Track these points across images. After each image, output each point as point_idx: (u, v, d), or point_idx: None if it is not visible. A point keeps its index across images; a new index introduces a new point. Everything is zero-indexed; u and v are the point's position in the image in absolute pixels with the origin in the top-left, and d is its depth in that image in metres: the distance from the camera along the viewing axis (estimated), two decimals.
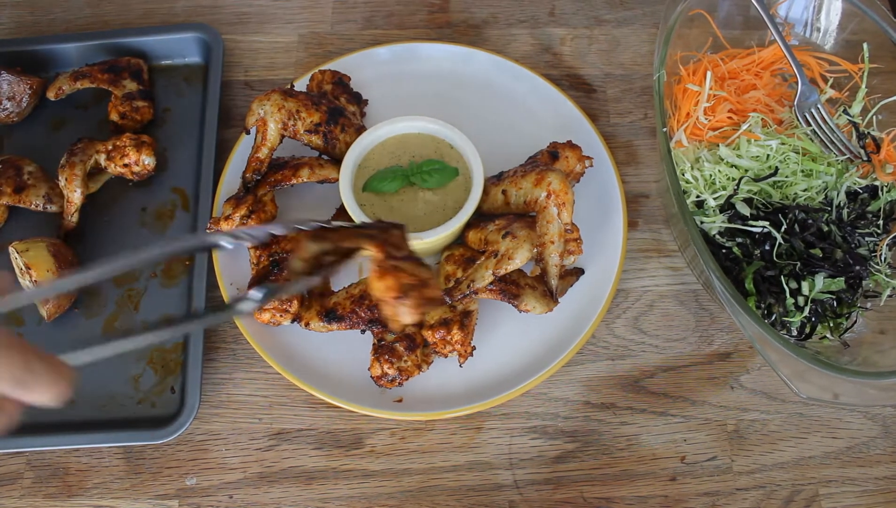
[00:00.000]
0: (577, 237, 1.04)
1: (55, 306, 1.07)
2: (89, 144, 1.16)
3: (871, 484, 1.02)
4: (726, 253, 1.06)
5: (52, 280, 1.05)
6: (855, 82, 1.16)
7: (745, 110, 1.15)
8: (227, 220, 1.06)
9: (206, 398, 1.07)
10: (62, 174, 1.12)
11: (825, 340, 1.04)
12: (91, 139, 1.17)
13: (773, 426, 1.05)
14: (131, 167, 1.16)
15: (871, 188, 1.10)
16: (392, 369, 0.99)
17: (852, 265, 1.03)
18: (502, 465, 1.03)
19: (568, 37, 1.34)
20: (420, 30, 1.35)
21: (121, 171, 1.16)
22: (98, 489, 1.03)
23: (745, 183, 1.09)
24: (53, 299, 1.06)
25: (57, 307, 1.07)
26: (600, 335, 1.10)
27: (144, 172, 1.17)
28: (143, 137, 1.17)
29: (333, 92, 1.18)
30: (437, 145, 1.11)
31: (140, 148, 1.15)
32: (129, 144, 1.15)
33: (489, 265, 0.99)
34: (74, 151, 1.14)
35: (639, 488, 1.02)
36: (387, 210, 1.07)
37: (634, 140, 1.25)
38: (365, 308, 1.02)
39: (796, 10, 1.19)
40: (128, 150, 1.15)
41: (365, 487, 1.02)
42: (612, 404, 1.07)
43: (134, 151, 1.15)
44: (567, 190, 1.01)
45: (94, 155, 1.15)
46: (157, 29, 1.29)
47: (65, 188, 1.12)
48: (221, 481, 1.03)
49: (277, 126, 1.09)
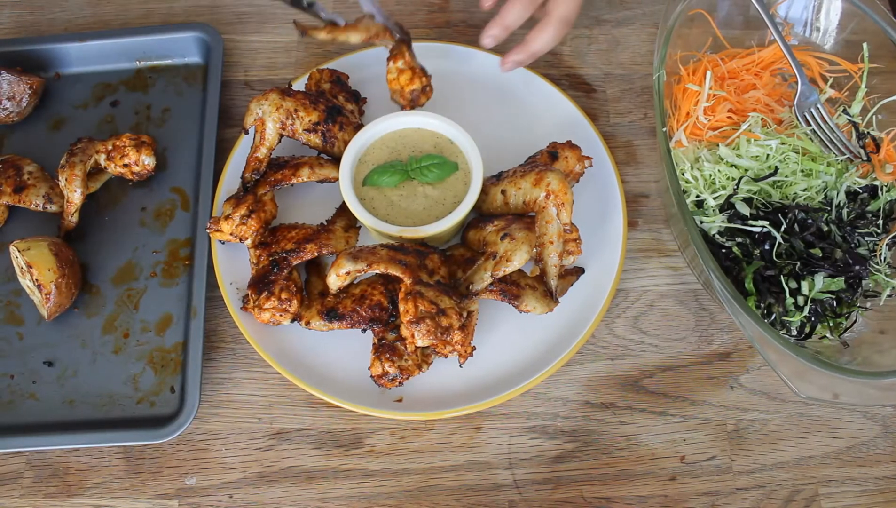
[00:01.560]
0: (576, 237, 1.04)
1: (56, 306, 1.07)
2: (89, 144, 1.16)
3: (871, 484, 1.02)
4: (726, 253, 1.06)
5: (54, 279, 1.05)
6: (855, 82, 1.16)
7: (745, 110, 1.15)
8: (226, 219, 1.06)
9: (205, 397, 1.07)
10: (62, 174, 1.12)
11: (825, 340, 1.04)
12: (91, 139, 1.17)
13: (772, 426, 1.05)
14: (131, 167, 1.16)
15: (871, 188, 1.10)
16: (393, 367, 0.99)
17: (852, 265, 1.03)
18: (502, 465, 1.03)
19: (567, 37, 1.34)
20: (420, 29, 1.35)
21: (121, 171, 1.16)
22: (98, 488, 1.03)
23: (745, 183, 1.09)
24: (54, 299, 1.06)
25: (58, 307, 1.07)
26: (600, 335, 1.10)
27: (144, 172, 1.17)
28: (142, 137, 1.17)
29: (332, 91, 1.18)
30: (436, 140, 1.11)
31: (140, 148, 1.15)
32: (129, 144, 1.15)
33: (488, 267, 1.00)
34: (74, 151, 1.14)
35: (638, 488, 1.02)
36: (386, 205, 1.07)
37: (634, 140, 1.25)
38: (366, 307, 1.02)
39: (796, 9, 1.19)
40: (127, 150, 1.15)
41: (364, 487, 1.02)
42: (611, 404, 1.07)
43: (133, 151, 1.15)
44: (566, 190, 1.01)
45: (94, 155, 1.15)
46: (156, 29, 1.29)
47: (65, 188, 1.12)
48: (221, 480, 1.03)
49: (276, 126, 1.10)
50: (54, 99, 1.27)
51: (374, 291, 1.03)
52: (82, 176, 1.12)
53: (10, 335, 1.11)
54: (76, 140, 1.17)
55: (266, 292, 1.03)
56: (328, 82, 1.19)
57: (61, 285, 1.06)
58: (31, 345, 1.10)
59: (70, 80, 1.28)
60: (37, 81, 1.23)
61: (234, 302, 1.07)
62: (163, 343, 1.09)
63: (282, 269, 1.05)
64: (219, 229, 1.08)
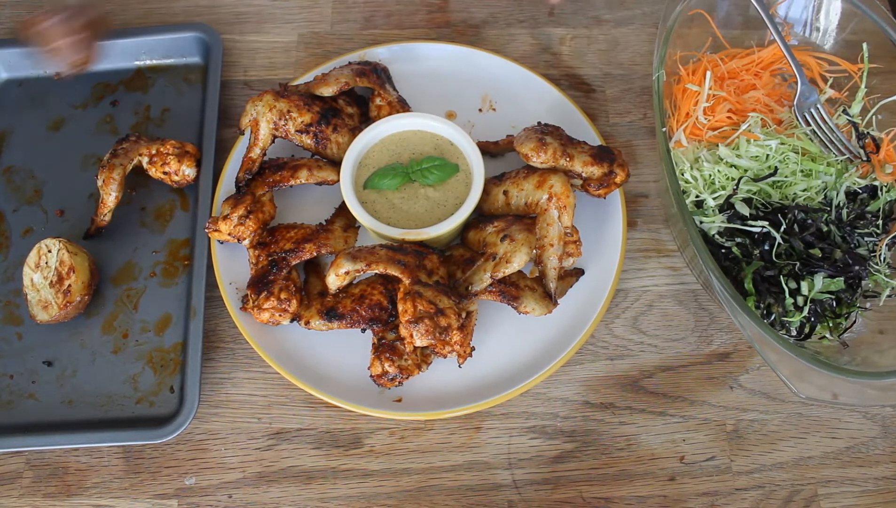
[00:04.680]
0: (576, 240, 1.03)
1: (63, 316, 1.07)
2: (134, 145, 1.14)
3: (871, 484, 1.02)
4: (725, 253, 1.06)
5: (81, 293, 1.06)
6: (854, 82, 1.16)
7: (745, 110, 1.15)
8: (225, 220, 1.06)
9: (205, 397, 1.07)
10: (101, 174, 1.12)
11: (824, 340, 1.04)
12: (138, 138, 1.16)
13: (772, 427, 1.05)
14: (171, 176, 1.15)
15: (871, 188, 1.10)
16: (393, 367, 0.99)
17: (851, 265, 1.03)
18: (501, 465, 1.03)
19: (567, 37, 1.34)
20: (419, 30, 1.35)
21: (161, 176, 1.15)
22: (97, 488, 1.03)
23: (745, 183, 1.09)
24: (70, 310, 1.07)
25: (64, 317, 1.07)
26: (599, 335, 1.10)
27: (184, 181, 1.16)
28: (187, 145, 1.15)
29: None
30: (436, 142, 1.11)
31: (182, 158, 1.14)
32: (173, 151, 1.14)
33: (487, 268, 1.00)
34: (118, 151, 1.13)
35: (638, 488, 1.02)
36: (388, 207, 1.07)
37: (634, 140, 1.25)
38: (365, 307, 1.02)
39: (796, 9, 1.19)
40: (170, 158, 1.13)
41: (364, 487, 1.02)
42: (610, 404, 1.07)
43: (175, 160, 1.13)
44: (568, 193, 1.01)
45: (138, 157, 1.14)
46: (156, 29, 1.30)
47: (101, 189, 1.12)
48: (220, 480, 1.03)
49: (269, 126, 1.10)
50: (54, 99, 1.27)
51: (374, 290, 1.03)
52: (120, 180, 1.12)
53: (9, 335, 1.11)
54: (124, 136, 1.16)
55: (265, 292, 1.03)
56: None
57: (83, 302, 1.08)
58: (31, 345, 1.10)
59: (70, 79, 1.28)
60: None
61: (233, 302, 1.07)
62: (162, 343, 1.09)
63: (281, 269, 1.05)
64: (217, 229, 1.08)
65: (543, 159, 1.03)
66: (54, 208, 1.19)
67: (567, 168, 1.04)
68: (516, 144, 1.06)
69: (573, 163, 1.04)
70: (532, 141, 1.04)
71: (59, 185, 1.21)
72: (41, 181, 1.21)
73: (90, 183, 1.19)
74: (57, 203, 1.20)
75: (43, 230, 1.17)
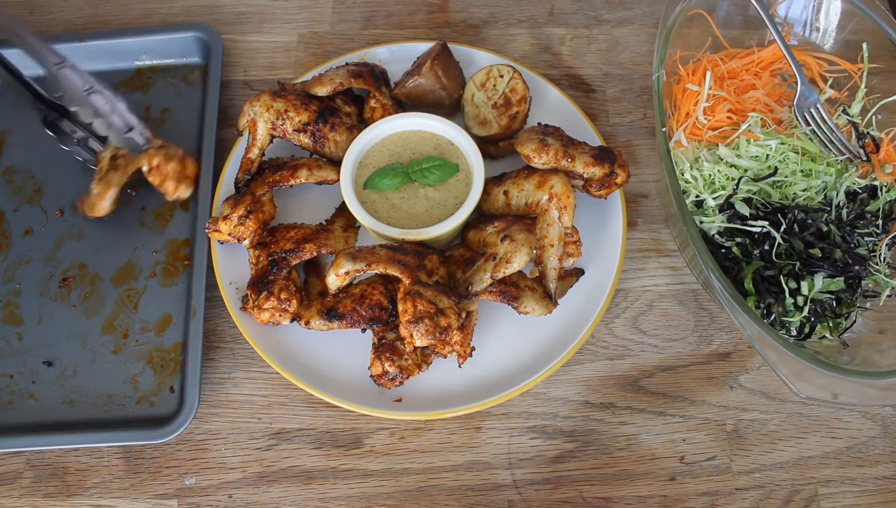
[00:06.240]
0: (576, 240, 1.04)
1: (507, 125, 1.06)
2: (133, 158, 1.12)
3: (871, 484, 1.02)
4: (725, 253, 1.06)
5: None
6: (854, 82, 1.16)
7: (745, 110, 1.15)
8: (225, 220, 1.06)
9: (205, 397, 1.07)
10: (97, 186, 1.11)
11: (824, 340, 1.04)
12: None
13: (772, 426, 1.05)
14: (167, 193, 1.14)
15: (871, 188, 1.10)
16: (393, 367, 0.99)
17: (851, 265, 1.03)
18: (501, 465, 1.03)
19: (567, 37, 1.34)
20: (419, 29, 1.35)
21: (156, 186, 1.14)
22: (97, 488, 1.03)
23: (745, 183, 1.09)
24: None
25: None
26: (599, 335, 1.10)
27: (178, 200, 1.16)
28: (188, 167, 1.14)
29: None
30: (436, 142, 1.11)
31: (180, 183, 1.13)
32: (172, 175, 1.12)
33: (487, 268, 1.00)
34: (117, 162, 1.12)
35: (638, 488, 1.02)
36: (388, 207, 1.07)
37: (634, 140, 1.25)
38: (366, 307, 1.02)
39: (796, 9, 1.19)
40: (168, 181, 1.12)
41: (364, 487, 1.02)
42: (611, 404, 1.07)
43: (173, 184, 1.13)
44: (569, 194, 1.01)
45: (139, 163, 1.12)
46: (156, 29, 1.30)
47: (95, 197, 1.12)
48: (221, 480, 1.03)
49: (266, 126, 1.10)
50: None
51: (374, 290, 1.03)
52: (115, 196, 1.12)
53: (9, 335, 1.11)
54: None
55: (265, 291, 1.03)
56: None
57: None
58: (31, 345, 1.10)
59: None
60: None
61: (233, 302, 1.07)
62: (162, 343, 1.09)
63: (281, 269, 1.05)
64: (217, 229, 1.08)
65: (545, 160, 1.03)
66: (54, 208, 1.19)
67: (568, 169, 1.04)
68: (517, 144, 1.06)
69: (574, 164, 1.04)
70: (534, 142, 1.04)
71: (59, 185, 1.21)
72: (41, 181, 1.22)
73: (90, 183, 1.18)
74: (57, 203, 1.20)
75: (43, 230, 1.18)
